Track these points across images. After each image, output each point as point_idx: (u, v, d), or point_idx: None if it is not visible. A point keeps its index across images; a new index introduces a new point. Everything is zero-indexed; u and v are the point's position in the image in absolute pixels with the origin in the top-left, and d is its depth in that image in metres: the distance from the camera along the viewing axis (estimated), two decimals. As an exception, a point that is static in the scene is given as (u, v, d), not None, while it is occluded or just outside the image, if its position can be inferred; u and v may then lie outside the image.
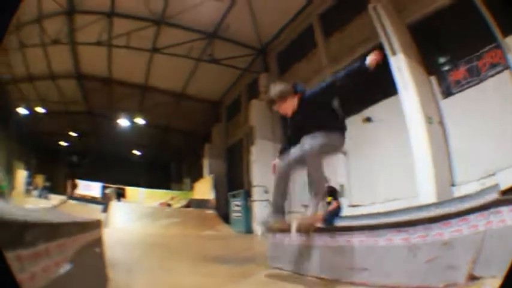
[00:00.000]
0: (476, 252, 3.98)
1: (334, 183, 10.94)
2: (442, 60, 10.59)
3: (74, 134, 38.08)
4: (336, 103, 5.82)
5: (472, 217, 4.21)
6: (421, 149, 9.64)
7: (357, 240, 5.19)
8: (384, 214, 9.19)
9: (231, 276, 5.87)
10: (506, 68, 8.83)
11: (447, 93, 10.18)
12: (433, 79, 10.50)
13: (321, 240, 5.79)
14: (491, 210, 4.08)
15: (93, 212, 16.14)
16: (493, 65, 9.18)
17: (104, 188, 30.40)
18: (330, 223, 9.02)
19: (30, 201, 24.31)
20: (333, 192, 9.69)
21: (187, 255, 8.47)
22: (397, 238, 4.75)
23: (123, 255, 7.38)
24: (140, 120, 29.93)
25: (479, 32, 9.28)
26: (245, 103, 23.21)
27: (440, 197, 8.92)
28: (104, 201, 18.43)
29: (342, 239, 5.44)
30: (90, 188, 33.29)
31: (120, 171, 36.95)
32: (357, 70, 4.99)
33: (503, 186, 7.32)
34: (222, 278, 5.79)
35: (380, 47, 10.08)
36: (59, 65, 23.78)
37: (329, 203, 9.38)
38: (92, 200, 21.10)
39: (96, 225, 4.82)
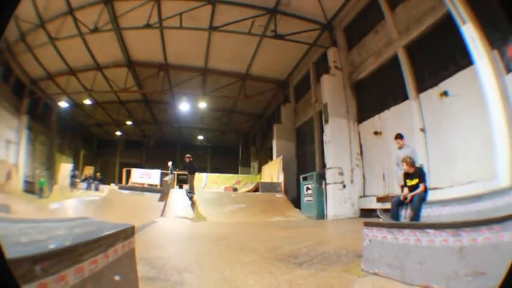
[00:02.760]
0: None
1: (416, 161, 9.71)
2: (498, 34, 10.31)
3: (130, 123, 39.89)
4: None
5: None
6: (499, 126, 9.62)
7: (484, 238, 4.68)
8: (472, 199, 9.05)
9: None
10: None
11: (509, 69, 9.87)
12: (496, 53, 10.22)
13: (440, 239, 5.15)
14: None
15: (147, 202, 16.36)
16: None
17: (163, 175, 31.17)
18: (418, 210, 8.49)
19: (76, 194, 25.76)
20: (419, 174, 8.90)
21: (257, 252, 7.78)
22: None
23: (174, 258, 7.08)
24: (203, 104, 30.84)
25: None
26: (314, 80, 23.58)
27: None
28: (162, 189, 19.07)
29: (467, 238, 4.84)
30: (149, 176, 34.23)
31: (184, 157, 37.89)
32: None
33: None
34: None
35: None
36: (106, 55, 25.10)
37: (416, 186, 8.73)
38: (149, 189, 21.99)
39: (128, 233, 4.13)
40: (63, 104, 30.44)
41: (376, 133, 16.88)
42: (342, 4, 18.81)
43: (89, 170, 37.67)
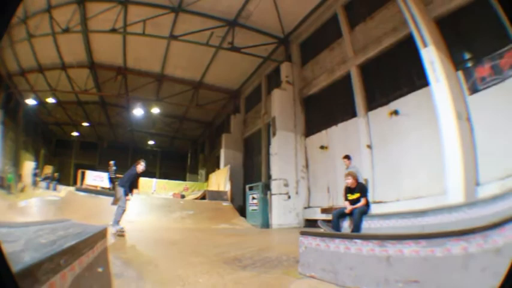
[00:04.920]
0: None
1: (361, 178, 10.60)
2: (467, 55, 10.45)
3: (86, 124, 38.56)
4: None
5: None
6: (451, 145, 9.52)
7: (410, 250, 4.95)
8: (414, 214, 8.77)
9: None
10: None
11: (473, 89, 9.94)
12: (460, 74, 10.25)
13: (367, 248, 5.46)
14: None
15: (102, 205, 15.83)
16: None
17: (113, 178, 30.12)
18: (358, 222, 8.98)
19: (38, 193, 24.31)
20: (361, 188, 9.42)
21: (206, 256, 8.06)
22: (456, 248, 4.55)
23: (131, 259, 7.25)
24: (155, 110, 30.06)
25: (501, 31, 8.99)
26: (265, 93, 23.25)
27: (467, 197, 8.88)
28: (113, 193, 18.33)
29: (392, 249, 5.13)
30: (102, 179, 32.34)
31: (133, 161, 36.78)
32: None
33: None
34: None
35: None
36: (71, 55, 24.07)
37: (357, 200, 9.24)
38: (102, 192, 21.05)
39: (101, 236, 4.64)
40: (31, 102, 28.93)
41: (322, 147, 16.75)
42: (302, 20, 18.54)
43: (48, 170, 35.81)
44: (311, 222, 15.88)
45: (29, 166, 31.41)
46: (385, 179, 12.63)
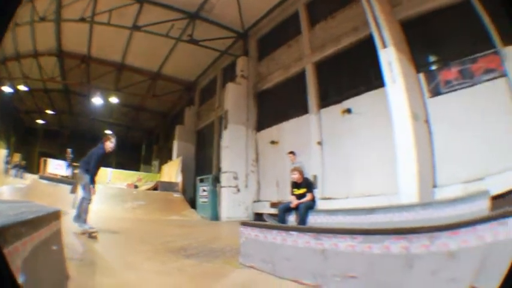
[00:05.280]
0: (480, 264, 3.78)
1: (308, 174, 10.84)
2: (433, 58, 10.46)
3: (51, 112, 37.81)
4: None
5: (480, 227, 3.95)
6: (405, 146, 9.40)
7: (346, 245, 4.92)
8: (362, 211, 8.77)
9: (199, 277, 5.65)
10: (502, 75, 8.70)
11: (435, 92, 9.94)
12: (422, 76, 10.24)
13: (303, 241, 5.47)
14: (500, 221, 3.83)
15: (62, 193, 15.57)
16: (489, 71, 9.03)
17: (70, 166, 29.33)
18: (304, 217, 9.00)
19: (9, 181, 24.12)
20: (307, 184, 9.51)
21: (153, 245, 8.30)
22: (396, 246, 4.48)
23: (84, 244, 7.48)
24: (114, 99, 29.31)
25: (477, 36, 9.15)
26: (220, 86, 22.96)
27: (422, 198, 8.76)
28: (73, 181, 17.85)
29: (328, 242, 5.12)
30: (61, 167, 31.57)
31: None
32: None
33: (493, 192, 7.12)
34: (190, 278, 5.55)
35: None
36: (44, 43, 23.38)
37: (303, 195, 9.28)
38: (63, 180, 20.38)
39: (55, 217, 4.75)
40: (7, 89, 27.83)
41: (273, 142, 16.60)
42: (263, 15, 18.25)
43: (16, 158, 35.17)
44: (260, 216, 15.79)
45: (1, 154, 30.94)
46: (336, 176, 12.54)
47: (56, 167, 32.12)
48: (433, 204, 7.64)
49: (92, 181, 8.76)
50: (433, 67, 10.29)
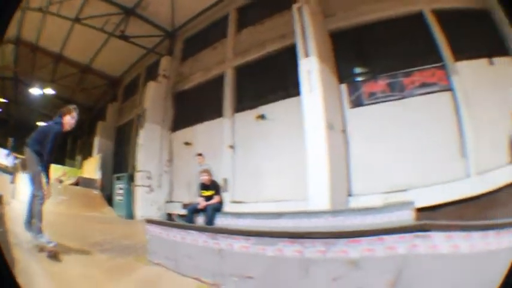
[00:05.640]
0: (395, 277, 3.77)
1: (217, 177, 11.22)
2: (359, 70, 10.63)
3: (4, 100, 35.81)
4: None
5: (389, 238, 3.96)
6: (317, 153, 9.28)
7: (240, 245, 5.03)
8: (271, 215, 8.81)
9: (111, 270, 5.83)
10: (446, 89, 9.06)
11: (357, 103, 10.03)
12: (344, 87, 10.32)
13: (202, 240, 5.65)
14: (418, 233, 3.85)
15: (3, 182, 15.15)
16: (425, 85, 9.30)
17: (10, 155, 28.04)
18: (211, 218, 9.33)
19: None
20: (215, 186, 10.01)
21: (70, 239, 7.91)
22: (288, 249, 4.54)
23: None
24: (50, 91, 28.00)
25: (416, 51, 9.47)
26: (143, 84, 22.26)
27: (334, 205, 8.70)
28: (13, 171, 16.99)
29: (224, 242, 5.29)
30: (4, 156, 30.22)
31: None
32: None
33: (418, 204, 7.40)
34: (103, 271, 5.72)
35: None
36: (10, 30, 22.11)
37: (211, 197, 9.76)
38: (4, 169, 19.32)
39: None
40: None
41: (187, 143, 16.27)
42: (194, 16, 17.85)
43: None
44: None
45: None
46: (247, 180, 12.37)
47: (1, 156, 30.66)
48: (345, 212, 7.78)
49: (47, 173, 6.47)
50: (359, 79, 10.37)
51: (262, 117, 12.09)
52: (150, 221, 7.22)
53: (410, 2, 10.04)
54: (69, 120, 7.03)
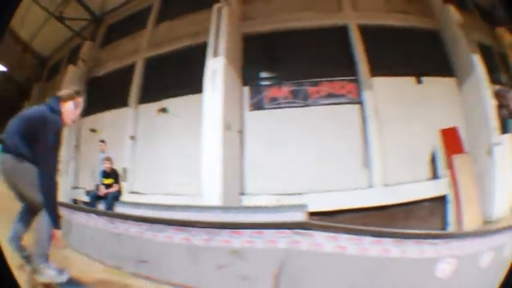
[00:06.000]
0: (279, 269, 4.03)
1: (117, 166, 11.16)
2: (265, 75, 10.92)
3: None
4: None
5: (269, 232, 4.27)
6: (211, 151, 9.37)
7: (135, 231, 5.19)
8: (165, 207, 8.89)
9: None
10: (355, 102, 9.53)
11: (257, 106, 10.16)
12: (247, 90, 10.44)
13: (101, 222, 5.79)
14: (300, 230, 4.12)
15: None
16: (332, 95, 9.64)
17: None
18: (110, 206, 9.32)
19: None
20: (115, 175, 10.08)
21: None
22: (177, 236, 4.78)
23: None
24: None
25: (331, 63, 9.88)
26: (65, 67, 20.77)
27: (227, 203, 8.85)
28: None
29: (121, 227, 5.45)
30: None
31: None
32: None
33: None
34: None
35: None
36: None
37: (110, 185, 9.79)
38: None
39: None
40: None
41: (92, 130, 15.66)
42: (122, 3, 17.43)
43: None
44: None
45: None
46: (146, 172, 12.19)
47: None
48: (237, 210, 8.22)
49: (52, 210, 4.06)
50: (263, 83, 10.58)
51: (164, 110, 11.96)
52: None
53: (337, 16, 10.43)
54: (71, 110, 4.81)
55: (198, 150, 9.72)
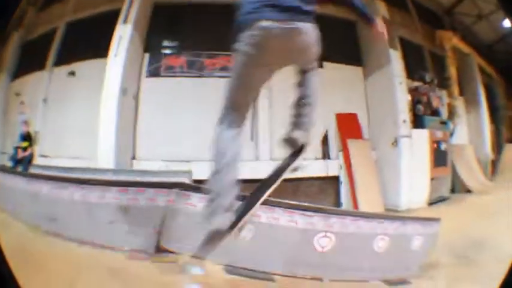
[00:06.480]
0: (160, 225, 4.37)
1: (31, 129, 10.87)
2: (167, 43, 10.78)
3: None
4: None
5: (150, 190, 4.60)
6: (107, 116, 9.41)
7: (46, 189, 5.28)
8: (67, 170, 8.61)
9: None
10: None
11: (154, 73, 10.06)
12: (147, 56, 10.32)
13: (18, 184, 5.89)
14: (175, 190, 4.46)
15: None
16: (226, 69, 9.61)
17: None
18: (26, 169, 9.31)
19: None
20: (30, 138, 10.06)
21: None
22: (77, 194, 4.96)
23: None
24: None
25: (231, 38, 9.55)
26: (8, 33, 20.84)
27: (119, 166, 9.07)
28: None
29: (35, 186, 5.53)
30: None
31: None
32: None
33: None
34: None
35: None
36: None
37: (25, 149, 9.81)
38: None
39: None
40: None
41: (17, 94, 14.53)
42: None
43: None
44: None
45: None
46: (54, 135, 11.83)
47: None
48: (127, 172, 8.39)
49: None
50: (163, 51, 10.52)
51: (72, 73, 11.73)
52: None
53: None
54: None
55: (97, 115, 9.73)
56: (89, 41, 12.13)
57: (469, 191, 11.89)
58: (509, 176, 13.39)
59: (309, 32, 3.03)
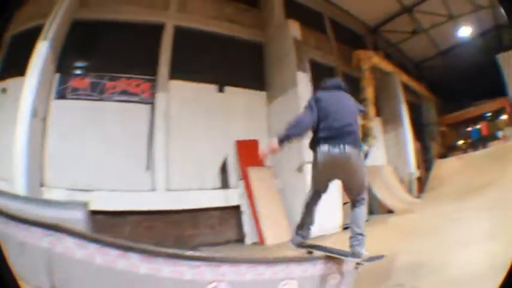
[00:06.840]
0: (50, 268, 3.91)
1: None
2: (77, 63, 10.48)
3: None
4: None
5: (36, 230, 4.08)
6: (18, 139, 9.06)
7: None
8: None
9: None
10: (147, 102, 9.74)
11: (61, 95, 9.84)
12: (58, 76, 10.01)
13: None
14: (51, 232, 3.96)
15: None
16: (126, 93, 9.76)
17: None
18: None
19: None
20: None
21: None
22: None
23: None
24: None
25: (136, 59, 10.03)
26: None
27: (32, 193, 8.56)
28: None
29: None
30: None
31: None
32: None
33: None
34: None
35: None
36: None
37: None
38: None
39: None
40: None
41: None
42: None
43: None
44: None
45: None
46: None
47: None
48: (32, 201, 7.42)
49: None
50: (76, 72, 10.27)
51: (4, 90, 11.06)
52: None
53: (160, 14, 10.39)
54: None
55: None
56: (18, 57, 11.92)
57: (390, 211, 12.03)
58: (439, 191, 13.80)
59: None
